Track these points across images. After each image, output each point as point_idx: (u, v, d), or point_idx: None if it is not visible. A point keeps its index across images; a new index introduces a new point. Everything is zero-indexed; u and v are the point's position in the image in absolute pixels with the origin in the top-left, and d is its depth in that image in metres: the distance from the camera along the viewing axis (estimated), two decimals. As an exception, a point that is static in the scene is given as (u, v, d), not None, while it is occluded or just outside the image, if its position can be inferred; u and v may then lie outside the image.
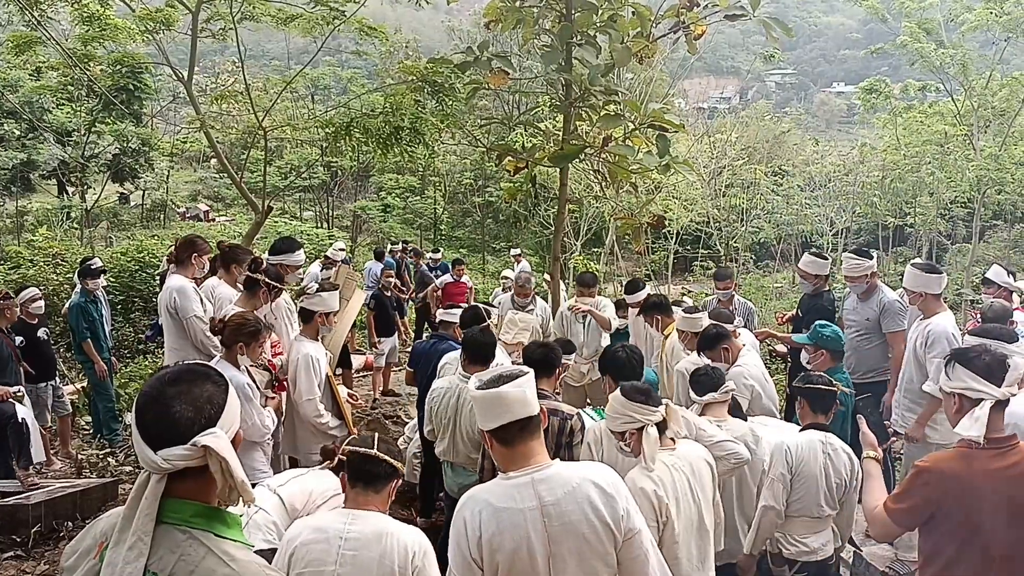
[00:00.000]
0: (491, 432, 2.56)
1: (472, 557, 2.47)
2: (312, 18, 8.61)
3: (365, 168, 29.94)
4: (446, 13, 31.18)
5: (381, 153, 8.98)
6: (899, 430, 5.42)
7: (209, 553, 1.69)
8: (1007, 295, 6.40)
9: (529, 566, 2.46)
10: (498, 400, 2.51)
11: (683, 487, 3.25)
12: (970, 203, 20.62)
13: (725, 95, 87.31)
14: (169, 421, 1.68)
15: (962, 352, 2.91)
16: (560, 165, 7.24)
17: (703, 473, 3.36)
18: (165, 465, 1.65)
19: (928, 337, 5.08)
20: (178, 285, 5.39)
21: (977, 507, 2.74)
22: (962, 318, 13.66)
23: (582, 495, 2.48)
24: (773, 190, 23.98)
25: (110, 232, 22.95)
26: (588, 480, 2.53)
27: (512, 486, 2.52)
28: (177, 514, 1.70)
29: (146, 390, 1.74)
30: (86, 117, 20.81)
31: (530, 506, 2.46)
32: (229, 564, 1.69)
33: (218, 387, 1.78)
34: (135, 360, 10.28)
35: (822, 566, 4.00)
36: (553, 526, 2.45)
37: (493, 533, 2.46)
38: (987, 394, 2.75)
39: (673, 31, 6.60)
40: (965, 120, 20.81)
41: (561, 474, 2.53)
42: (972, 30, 19.53)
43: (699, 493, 3.30)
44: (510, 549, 2.45)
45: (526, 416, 2.52)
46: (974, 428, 2.70)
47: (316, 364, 4.88)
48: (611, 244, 20.64)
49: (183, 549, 1.68)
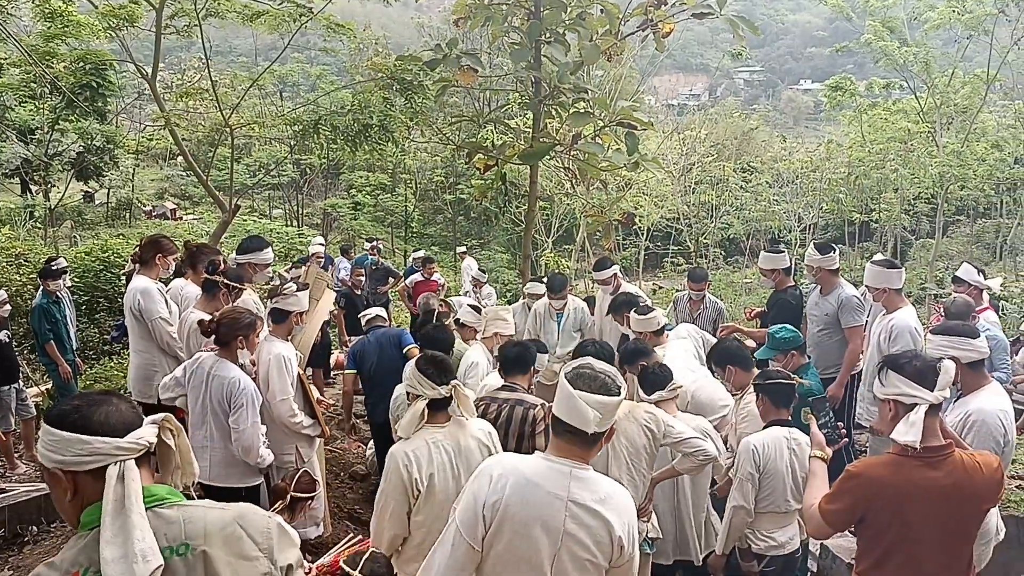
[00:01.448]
0: (553, 416, 2.58)
1: (483, 513, 2.47)
2: (279, 15, 8.54)
3: (335, 166, 29.73)
4: (415, 10, 31.06)
5: (350, 150, 8.94)
6: (863, 423, 5.49)
7: (205, 510, 1.94)
8: (977, 293, 6.41)
9: (534, 555, 2.45)
10: (570, 400, 2.49)
11: (440, 464, 3.36)
12: (933, 199, 20.98)
13: (694, 92, 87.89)
14: (121, 412, 1.87)
15: (893, 358, 2.90)
16: (530, 162, 7.26)
17: (471, 452, 3.43)
18: (143, 443, 1.85)
19: (892, 332, 5.14)
20: (142, 287, 5.31)
21: (906, 514, 2.75)
22: (925, 312, 13.88)
23: (611, 503, 2.50)
24: (742, 186, 24.21)
25: (75, 231, 22.53)
26: (618, 492, 2.56)
27: (550, 468, 2.52)
28: (154, 496, 1.88)
29: (76, 402, 1.88)
30: (49, 115, 20.42)
31: (559, 494, 2.46)
32: (219, 509, 1.96)
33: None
34: (100, 361, 10.11)
35: (790, 559, 4.05)
36: (572, 525, 2.46)
37: (513, 501, 2.46)
38: (921, 399, 2.75)
39: (642, 29, 6.65)
40: (928, 117, 21.15)
41: (599, 481, 2.55)
42: (935, 28, 19.85)
43: (461, 472, 3.37)
44: (522, 523, 2.45)
45: (580, 428, 2.48)
46: (910, 433, 2.69)
47: (288, 364, 4.84)
48: (582, 241, 20.71)
49: (181, 515, 1.89)
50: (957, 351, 3.63)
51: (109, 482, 1.78)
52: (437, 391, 3.40)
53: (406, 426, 3.43)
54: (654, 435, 3.69)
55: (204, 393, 4.51)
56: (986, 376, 3.77)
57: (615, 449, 3.61)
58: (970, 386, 3.73)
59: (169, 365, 5.35)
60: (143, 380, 5.50)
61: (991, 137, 22.54)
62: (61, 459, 1.80)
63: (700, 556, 4.45)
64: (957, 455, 2.82)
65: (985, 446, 3.48)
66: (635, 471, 3.68)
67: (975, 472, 2.77)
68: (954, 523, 2.76)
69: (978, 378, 3.71)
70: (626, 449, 3.65)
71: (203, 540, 1.87)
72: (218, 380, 4.47)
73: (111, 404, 1.88)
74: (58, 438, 1.81)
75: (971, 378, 3.71)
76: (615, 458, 3.61)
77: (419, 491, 3.35)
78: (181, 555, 1.84)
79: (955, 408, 3.75)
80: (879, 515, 2.80)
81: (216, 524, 1.92)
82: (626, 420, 3.66)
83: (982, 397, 3.66)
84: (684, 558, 4.45)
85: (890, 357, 2.94)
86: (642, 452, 3.68)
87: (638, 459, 3.68)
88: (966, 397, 3.73)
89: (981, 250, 24.86)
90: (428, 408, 3.43)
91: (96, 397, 1.90)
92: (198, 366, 4.57)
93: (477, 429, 3.49)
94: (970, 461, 2.82)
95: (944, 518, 2.75)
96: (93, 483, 1.81)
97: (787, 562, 4.04)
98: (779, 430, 3.95)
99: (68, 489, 1.83)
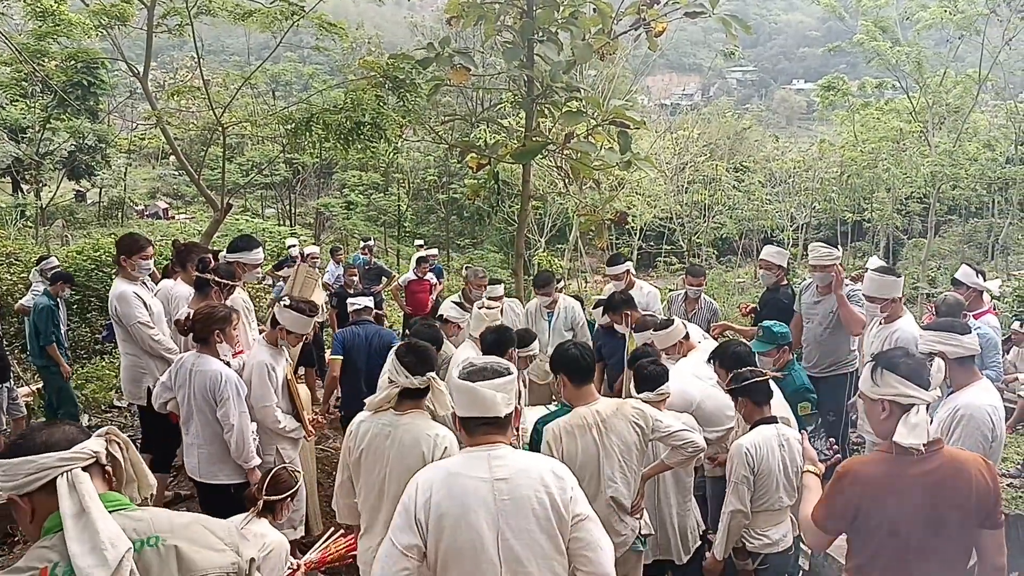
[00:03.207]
0: (460, 419, 2.71)
1: (416, 517, 2.52)
2: (271, 13, 8.51)
3: (328, 165, 29.68)
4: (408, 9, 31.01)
5: (343, 149, 8.91)
6: (865, 436, 5.43)
7: (166, 512, 2.09)
8: (977, 295, 6.30)
9: (476, 540, 2.50)
10: (470, 394, 2.64)
11: (377, 445, 3.50)
12: (925, 198, 21.05)
13: (687, 92, 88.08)
14: (64, 431, 2.01)
15: (887, 357, 2.87)
16: (523, 161, 7.25)
17: (406, 447, 3.47)
18: (87, 452, 1.97)
19: (896, 343, 5.07)
20: (118, 292, 5.32)
21: (894, 510, 2.75)
22: (918, 311, 13.93)
23: (535, 473, 2.58)
24: (735, 186, 24.26)
25: (66, 230, 22.44)
26: (540, 462, 2.67)
27: (468, 457, 2.64)
28: (116, 501, 2.01)
29: (22, 433, 2.07)
30: (40, 113, 20.36)
31: (482, 476, 2.55)
32: (179, 513, 2.11)
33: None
34: (92, 360, 10.09)
35: (783, 557, 4.05)
36: (503, 500, 2.52)
37: (442, 496, 2.53)
38: (918, 399, 2.74)
39: (634, 28, 6.63)
40: (920, 117, 21.23)
41: (516, 454, 2.66)
42: (927, 28, 19.92)
43: (390, 460, 3.47)
44: (456, 515, 2.50)
45: (493, 415, 2.63)
46: (913, 435, 2.66)
47: (272, 373, 4.79)
48: (575, 240, 20.72)
49: (145, 515, 2.01)
50: (946, 347, 3.66)
51: (61, 491, 1.90)
52: (410, 380, 3.47)
53: (372, 403, 3.58)
54: (643, 430, 3.69)
55: (189, 391, 4.51)
56: (976, 373, 3.78)
57: (606, 447, 3.60)
58: (959, 382, 3.74)
59: (157, 366, 5.35)
60: (132, 382, 5.52)
61: (983, 137, 22.67)
62: (15, 484, 1.92)
63: (683, 556, 4.44)
64: (946, 451, 2.82)
65: (973, 441, 3.50)
66: (627, 468, 3.68)
67: (965, 466, 2.77)
68: (944, 518, 2.75)
69: (967, 374, 3.72)
70: (617, 447, 3.64)
71: (171, 534, 1.99)
72: (200, 375, 4.47)
73: (55, 427, 2.02)
74: (8, 466, 1.92)
75: (960, 374, 3.73)
76: (607, 456, 3.60)
77: (350, 464, 3.59)
78: (152, 546, 1.95)
79: (944, 404, 3.76)
80: (869, 512, 2.80)
81: (180, 522, 2.06)
82: (615, 417, 3.66)
83: (971, 393, 3.67)
84: (665, 558, 4.44)
85: (883, 356, 2.91)
86: (632, 448, 3.68)
87: (629, 455, 3.67)
88: (955, 393, 3.74)
89: (973, 250, 24.94)
90: (400, 396, 3.52)
91: (41, 424, 2.06)
92: (180, 366, 4.58)
93: (431, 433, 3.48)
94: (960, 455, 2.83)
95: (935, 513, 2.74)
96: (47, 499, 1.92)
97: (781, 559, 4.04)
98: (767, 428, 3.94)
99: (27, 511, 1.94)
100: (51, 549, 1.87)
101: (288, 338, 4.90)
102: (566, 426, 3.62)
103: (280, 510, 4.11)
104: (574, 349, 3.82)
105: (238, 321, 4.84)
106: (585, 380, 3.77)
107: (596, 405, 3.70)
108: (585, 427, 3.60)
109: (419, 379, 3.48)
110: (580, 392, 3.76)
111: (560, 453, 3.58)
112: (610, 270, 7.43)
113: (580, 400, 3.74)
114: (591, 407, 3.67)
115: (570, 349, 3.82)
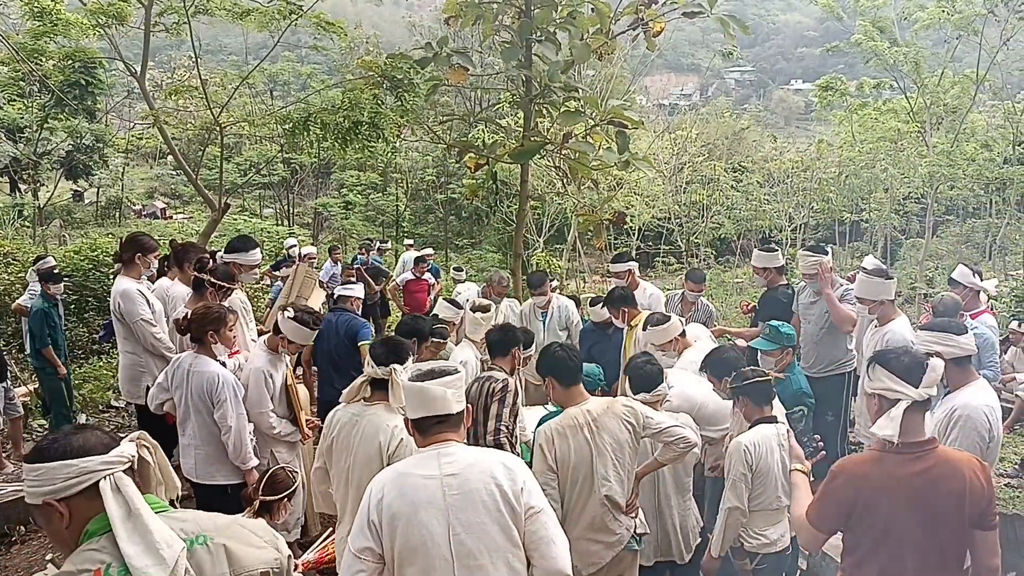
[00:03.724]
0: (413, 422, 2.76)
1: (371, 519, 2.57)
2: (268, 13, 8.52)
3: (326, 165, 29.64)
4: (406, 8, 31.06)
5: (341, 149, 8.91)
6: (861, 439, 5.43)
7: (206, 513, 2.13)
8: (974, 295, 6.32)
9: (428, 537, 2.52)
10: (420, 394, 2.71)
11: (344, 436, 3.65)
12: (923, 199, 21.00)
13: (685, 92, 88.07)
14: (98, 436, 2.00)
15: (882, 354, 2.93)
16: (521, 161, 7.25)
17: (367, 438, 3.60)
18: (126, 456, 1.98)
19: (887, 344, 5.04)
20: (122, 289, 5.30)
21: (888, 509, 2.76)
22: (915, 311, 13.94)
23: (484, 467, 2.61)
24: (733, 186, 24.22)
25: (63, 230, 22.41)
26: (491, 456, 2.71)
27: (419, 457, 2.70)
28: (155, 503, 2.02)
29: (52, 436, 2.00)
30: (38, 113, 20.35)
31: (431, 474, 2.60)
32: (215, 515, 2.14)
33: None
34: (89, 360, 10.07)
35: (781, 557, 4.06)
36: (453, 495, 2.55)
37: (393, 497, 2.57)
38: (904, 395, 2.77)
39: (632, 28, 6.64)
40: (918, 117, 21.24)
41: (466, 450, 2.70)
42: (924, 28, 19.92)
43: (355, 447, 3.61)
44: (407, 514, 2.54)
45: (445, 412, 2.70)
46: (888, 428, 2.72)
47: (269, 380, 4.77)
48: (573, 240, 20.72)
49: (189, 515, 2.07)
50: (942, 347, 3.65)
51: (106, 495, 1.89)
52: (375, 371, 3.60)
53: (345, 394, 3.77)
54: (635, 428, 3.69)
55: (186, 392, 4.50)
56: (973, 373, 3.78)
57: (599, 446, 3.59)
58: (956, 382, 3.74)
59: (156, 365, 5.34)
60: (131, 381, 5.50)
61: (980, 137, 22.67)
62: (51, 488, 1.89)
63: (685, 555, 4.43)
64: (940, 450, 2.83)
65: (970, 442, 3.51)
66: (620, 466, 3.67)
67: (959, 465, 2.77)
68: (939, 516, 2.75)
69: (964, 374, 3.73)
70: (610, 445, 3.64)
71: (217, 533, 2.02)
72: (198, 377, 4.47)
73: (87, 431, 2.01)
74: (44, 470, 1.89)
75: (957, 374, 3.73)
76: (599, 455, 3.60)
77: (324, 451, 3.74)
78: (202, 544, 1.97)
79: (941, 404, 3.76)
80: (864, 511, 2.81)
81: (222, 522, 2.10)
82: (606, 416, 3.65)
83: (968, 393, 3.67)
84: (666, 559, 4.41)
85: (879, 353, 2.96)
86: (625, 446, 3.68)
87: (622, 454, 3.67)
88: (952, 393, 3.74)
89: (971, 250, 24.92)
90: (371, 386, 3.68)
91: (71, 428, 2.02)
92: (178, 366, 4.57)
93: (391, 424, 3.59)
94: (954, 455, 2.84)
95: (928, 512, 2.75)
96: (87, 503, 1.91)
97: (778, 560, 4.05)
98: (767, 428, 3.94)
99: (63, 516, 1.91)
100: (100, 551, 1.87)
101: (288, 347, 4.91)
102: (558, 427, 3.63)
103: (277, 510, 4.11)
104: (560, 351, 3.82)
105: (235, 322, 4.83)
106: (573, 381, 3.79)
107: (586, 405, 3.71)
108: (577, 427, 3.61)
109: (382, 369, 3.59)
110: (570, 393, 3.77)
111: (553, 454, 3.59)
112: (613, 267, 7.42)
113: (570, 401, 3.75)
114: (582, 407, 3.69)
115: (556, 351, 3.82)
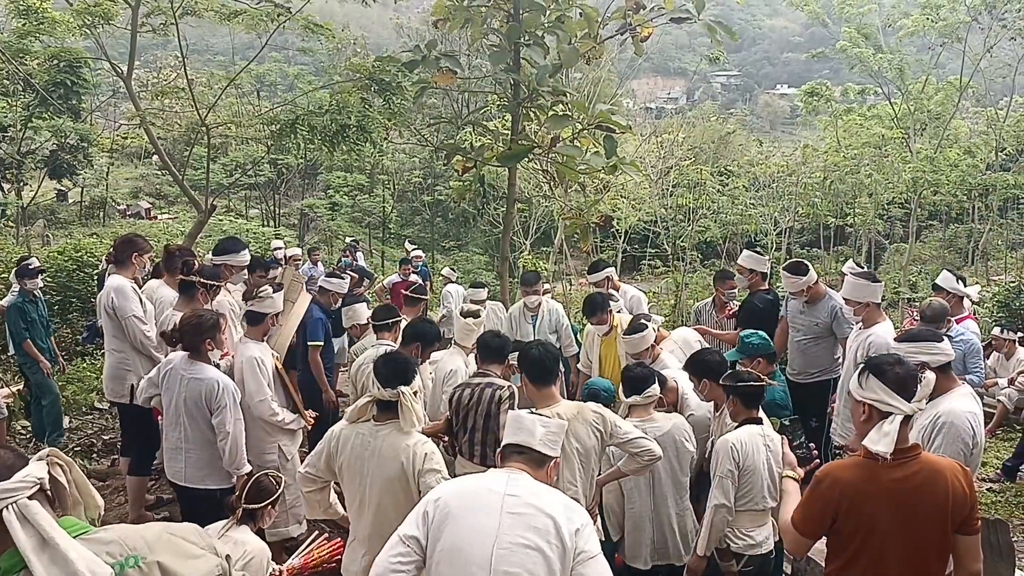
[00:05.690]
0: (501, 449, 2.82)
1: (425, 509, 2.58)
2: (256, 14, 8.49)
3: (312, 166, 29.55)
4: (395, 11, 30.89)
5: (328, 151, 8.90)
6: (839, 440, 5.46)
7: (133, 527, 2.01)
8: (957, 301, 6.36)
9: (472, 543, 2.48)
10: (517, 420, 2.79)
11: (355, 457, 3.52)
12: (907, 204, 21.18)
13: (672, 96, 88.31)
14: (1, 459, 1.84)
15: (877, 362, 2.90)
16: (508, 164, 7.27)
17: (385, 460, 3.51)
18: (30, 480, 1.80)
19: (869, 348, 5.09)
20: (116, 285, 5.31)
21: (873, 515, 2.77)
22: (899, 316, 14.03)
23: (546, 499, 2.57)
24: (719, 190, 24.27)
25: (47, 230, 22.25)
26: (555, 494, 2.64)
27: (490, 473, 2.72)
28: (75, 526, 1.87)
29: None
30: (22, 112, 20.14)
31: (495, 488, 2.57)
32: (141, 527, 2.03)
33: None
34: (72, 362, 9.99)
35: (766, 559, 4.08)
36: (508, 512, 2.51)
37: (452, 496, 2.59)
38: (897, 409, 2.75)
39: (620, 32, 6.68)
40: (902, 123, 21.41)
41: (534, 483, 2.65)
42: (909, 35, 20.12)
43: (369, 472, 3.50)
44: (459, 515, 2.53)
45: (526, 445, 2.73)
46: (881, 443, 2.69)
47: (261, 364, 4.80)
48: (560, 243, 20.71)
49: (113, 535, 1.90)
50: (925, 356, 3.63)
51: (12, 526, 1.72)
52: (381, 393, 3.48)
53: (350, 413, 3.64)
54: (602, 435, 3.70)
55: (178, 395, 4.48)
56: (955, 379, 3.79)
57: (566, 451, 3.57)
58: (939, 389, 3.72)
59: (143, 364, 5.33)
60: (115, 379, 5.48)
61: (963, 143, 22.85)
62: None
63: (684, 557, 4.43)
64: (923, 457, 2.84)
65: (954, 449, 3.51)
66: (583, 472, 3.69)
67: (942, 472, 2.79)
68: (922, 522, 2.77)
69: (947, 381, 3.73)
70: (577, 451, 3.64)
71: (148, 550, 1.88)
72: (195, 383, 4.44)
73: None
74: None
75: (940, 381, 3.71)
76: (565, 459, 3.58)
77: (334, 468, 3.62)
78: (133, 567, 1.83)
79: (925, 410, 3.76)
80: (848, 516, 2.82)
81: (152, 535, 1.95)
82: (576, 420, 3.66)
83: (951, 399, 3.68)
84: (664, 563, 4.42)
85: (874, 360, 2.94)
86: (591, 452, 3.69)
87: (587, 460, 3.69)
88: (936, 400, 3.73)
89: (953, 255, 25.15)
90: (377, 407, 3.54)
91: None
92: (171, 368, 4.55)
93: (410, 443, 3.47)
94: (937, 462, 2.85)
95: (911, 518, 2.76)
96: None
97: (764, 561, 4.07)
98: (753, 427, 3.99)
99: None
100: None
101: (276, 320, 5.08)
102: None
103: (262, 516, 4.09)
104: (535, 350, 3.82)
105: (226, 325, 4.83)
106: (546, 382, 3.79)
107: (557, 407, 3.71)
108: None
109: (389, 391, 3.46)
110: (541, 394, 3.78)
111: None
112: (591, 278, 7.44)
113: (541, 402, 3.76)
114: (552, 409, 3.67)
115: (532, 349, 3.83)
